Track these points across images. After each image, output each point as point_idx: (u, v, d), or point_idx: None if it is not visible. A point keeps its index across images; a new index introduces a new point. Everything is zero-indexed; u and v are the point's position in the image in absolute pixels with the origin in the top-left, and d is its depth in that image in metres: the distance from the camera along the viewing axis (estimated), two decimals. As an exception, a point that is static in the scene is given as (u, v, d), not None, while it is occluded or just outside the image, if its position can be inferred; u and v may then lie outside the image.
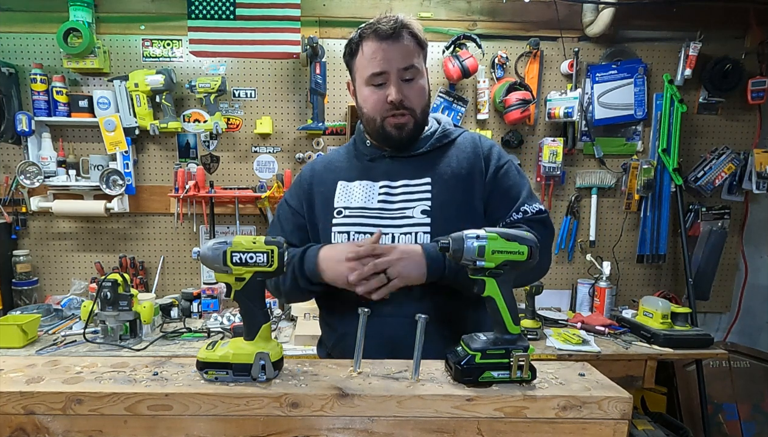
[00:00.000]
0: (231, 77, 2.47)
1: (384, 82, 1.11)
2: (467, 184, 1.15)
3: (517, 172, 1.19)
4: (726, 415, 2.57)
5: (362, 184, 1.17)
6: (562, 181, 2.57)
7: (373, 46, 1.09)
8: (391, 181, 1.16)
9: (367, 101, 1.14)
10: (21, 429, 0.74)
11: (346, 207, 1.16)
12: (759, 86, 2.46)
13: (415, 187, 1.14)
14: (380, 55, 1.09)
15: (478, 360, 0.79)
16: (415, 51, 1.11)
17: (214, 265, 0.79)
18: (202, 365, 0.80)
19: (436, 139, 1.19)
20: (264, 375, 0.79)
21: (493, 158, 1.17)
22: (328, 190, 1.20)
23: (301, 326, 2.17)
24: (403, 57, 1.09)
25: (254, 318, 0.82)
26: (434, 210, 1.11)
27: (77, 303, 2.36)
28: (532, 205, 1.14)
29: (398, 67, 1.09)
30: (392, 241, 1.10)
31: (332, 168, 1.24)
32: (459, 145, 1.20)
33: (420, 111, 1.14)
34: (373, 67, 1.10)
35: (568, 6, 2.42)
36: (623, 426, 0.76)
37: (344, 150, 1.29)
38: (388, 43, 1.08)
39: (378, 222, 1.12)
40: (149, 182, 2.51)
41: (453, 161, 1.17)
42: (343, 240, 1.13)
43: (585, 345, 2.05)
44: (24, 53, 2.39)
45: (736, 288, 2.73)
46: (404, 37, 1.09)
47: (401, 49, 1.09)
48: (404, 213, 1.12)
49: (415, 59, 1.11)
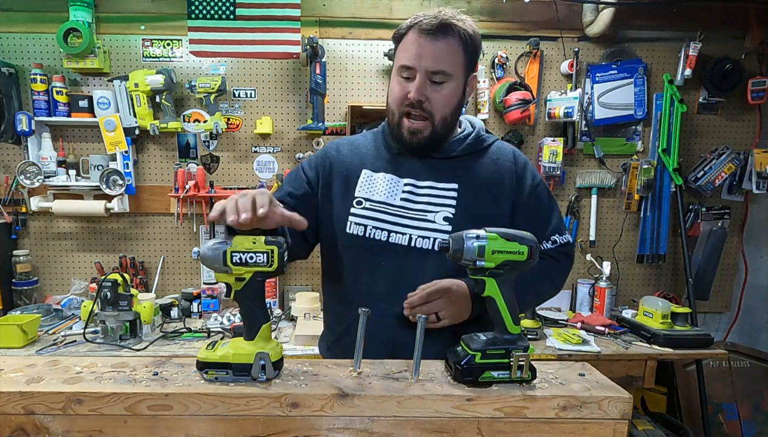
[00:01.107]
0: (231, 77, 2.47)
1: (410, 78, 1.06)
2: (495, 197, 1.12)
3: (548, 195, 1.18)
4: (726, 415, 2.56)
5: (387, 178, 1.13)
6: (562, 181, 2.57)
7: (413, 38, 1.04)
8: (416, 179, 1.12)
9: (392, 91, 1.10)
10: (21, 429, 0.74)
11: (367, 198, 1.12)
12: (759, 86, 2.46)
13: (440, 191, 1.11)
14: (414, 48, 1.03)
15: (478, 360, 0.79)
16: (454, 54, 1.04)
17: (214, 265, 0.79)
18: (202, 365, 0.80)
19: (469, 145, 1.14)
20: (264, 375, 0.79)
21: (528, 177, 1.15)
22: (351, 174, 1.15)
23: (301, 326, 2.17)
24: (436, 59, 1.03)
25: (254, 318, 0.82)
26: (456, 218, 1.08)
27: (77, 303, 2.36)
28: (563, 235, 1.15)
29: (427, 67, 1.03)
30: (409, 242, 1.08)
31: (358, 153, 1.19)
32: (492, 154, 1.16)
33: (440, 118, 1.08)
34: (405, 58, 1.05)
35: (568, 6, 2.42)
36: (623, 426, 0.76)
37: (371, 136, 1.23)
38: (426, 39, 1.02)
39: (397, 221, 1.10)
40: (149, 182, 2.51)
41: (483, 171, 1.13)
42: (359, 232, 1.10)
43: (585, 345, 2.05)
44: (24, 53, 2.39)
45: (736, 288, 2.74)
46: (446, 36, 1.02)
47: (437, 50, 1.03)
48: (425, 216, 1.09)
49: (450, 64, 1.04)
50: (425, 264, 1.08)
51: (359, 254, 1.12)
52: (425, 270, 1.07)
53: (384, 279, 1.09)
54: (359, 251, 1.11)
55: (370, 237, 1.10)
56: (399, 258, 1.09)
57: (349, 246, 1.12)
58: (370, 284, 1.10)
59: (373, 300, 1.05)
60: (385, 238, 1.09)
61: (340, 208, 1.14)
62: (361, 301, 1.02)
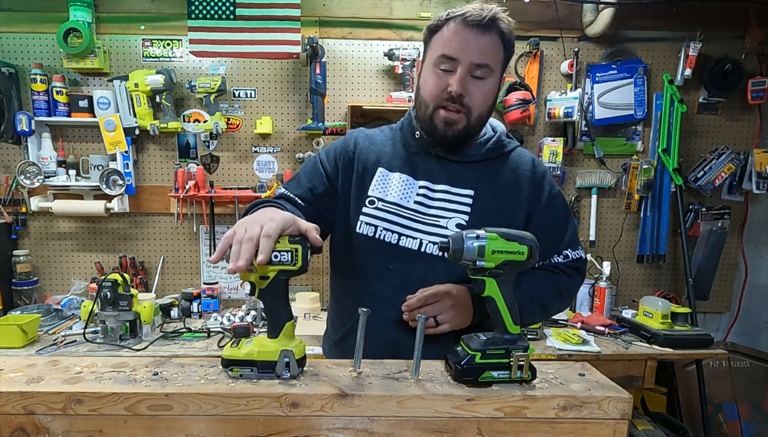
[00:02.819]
0: (231, 77, 2.47)
1: (451, 70, 1.01)
2: (511, 206, 1.09)
3: (565, 208, 1.16)
4: (726, 415, 2.56)
5: (402, 178, 1.10)
6: (562, 180, 2.57)
7: (455, 29, 1.00)
8: (432, 182, 1.09)
9: (427, 83, 1.05)
10: (21, 429, 0.74)
11: (380, 198, 1.09)
12: (759, 86, 2.46)
13: (455, 197, 1.08)
14: (458, 39, 0.99)
15: (478, 360, 0.79)
16: (497, 51, 1.02)
17: None
18: (227, 362, 0.81)
19: (490, 149, 1.11)
20: (288, 372, 0.80)
21: (546, 187, 1.12)
22: (367, 171, 1.11)
23: (301, 326, 2.17)
24: (481, 52, 0.99)
25: (278, 316, 0.82)
26: (469, 226, 1.05)
27: (77, 303, 2.36)
28: (576, 250, 1.13)
29: (471, 60, 0.99)
30: (419, 247, 1.06)
31: (375, 149, 1.14)
32: (512, 161, 1.13)
33: (477, 114, 1.04)
34: (446, 48, 1.00)
35: (568, 6, 2.42)
36: (623, 426, 0.76)
37: (389, 132, 1.19)
38: (472, 32, 0.99)
39: (409, 224, 1.07)
40: (149, 182, 2.51)
41: (502, 178, 1.10)
42: (369, 233, 1.08)
43: (585, 345, 2.05)
44: (24, 53, 2.39)
45: (736, 288, 2.74)
46: (491, 32, 1.00)
47: (483, 43, 0.99)
48: (438, 221, 1.06)
49: (493, 59, 1.01)
50: (434, 270, 1.05)
51: (368, 255, 1.10)
52: (434, 276, 1.04)
53: (391, 283, 1.07)
54: (368, 252, 1.09)
55: (379, 239, 1.07)
56: (408, 262, 1.06)
57: (358, 245, 1.10)
58: (377, 286, 1.08)
59: (379, 302, 1.04)
60: (396, 241, 1.07)
61: (353, 205, 1.11)
62: (367, 302, 1.02)
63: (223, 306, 2.47)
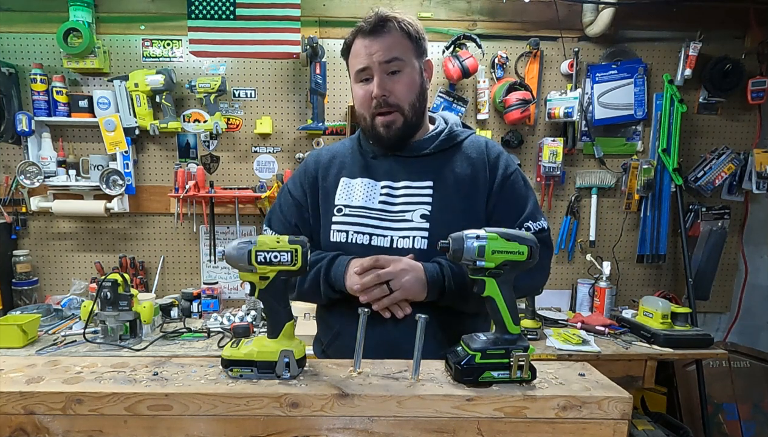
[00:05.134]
0: (231, 77, 2.47)
1: (369, 78, 1.10)
2: (470, 191, 1.12)
3: (524, 184, 1.18)
4: (726, 415, 2.56)
5: (364, 182, 1.15)
6: (562, 181, 2.57)
7: (358, 43, 1.10)
8: (392, 181, 1.14)
9: (356, 97, 1.14)
10: (21, 429, 0.74)
11: (347, 205, 1.14)
12: (759, 86, 2.46)
13: (416, 190, 1.12)
14: (363, 50, 1.08)
15: (478, 360, 0.79)
16: (401, 43, 1.09)
17: (239, 264, 0.80)
18: (227, 363, 0.81)
19: (442, 141, 1.16)
20: (288, 372, 0.80)
21: (501, 167, 1.15)
22: (331, 185, 1.18)
23: (301, 326, 2.17)
24: (385, 50, 1.07)
25: (278, 317, 0.83)
26: (433, 215, 1.09)
27: (77, 303, 2.36)
28: (537, 221, 1.13)
29: (379, 60, 1.07)
30: (390, 244, 1.10)
31: (336, 162, 1.21)
32: (466, 148, 1.17)
33: (408, 106, 1.11)
34: (358, 62, 1.10)
35: (568, 6, 2.42)
36: (623, 426, 0.76)
37: (349, 143, 1.26)
38: (371, 39, 1.08)
39: (377, 224, 1.11)
40: (149, 182, 2.51)
41: (457, 166, 1.14)
42: (341, 239, 1.12)
43: (585, 345, 2.05)
44: (24, 53, 2.39)
45: (736, 288, 2.73)
46: (388, 30, 1.07)
47: (383, 43, 1.07)
48: (404, 216, 1.11)
49: (399, 51, 1.08)
50: None
51: None
52: None
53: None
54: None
55: (352, 243, 1.11)
56: None
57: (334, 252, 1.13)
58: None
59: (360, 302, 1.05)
60: (367, 242, 1.11)
61: (323, 218, 1.16)
62: (349, 304, 1.03)
63: (223, 307, 2.47)
